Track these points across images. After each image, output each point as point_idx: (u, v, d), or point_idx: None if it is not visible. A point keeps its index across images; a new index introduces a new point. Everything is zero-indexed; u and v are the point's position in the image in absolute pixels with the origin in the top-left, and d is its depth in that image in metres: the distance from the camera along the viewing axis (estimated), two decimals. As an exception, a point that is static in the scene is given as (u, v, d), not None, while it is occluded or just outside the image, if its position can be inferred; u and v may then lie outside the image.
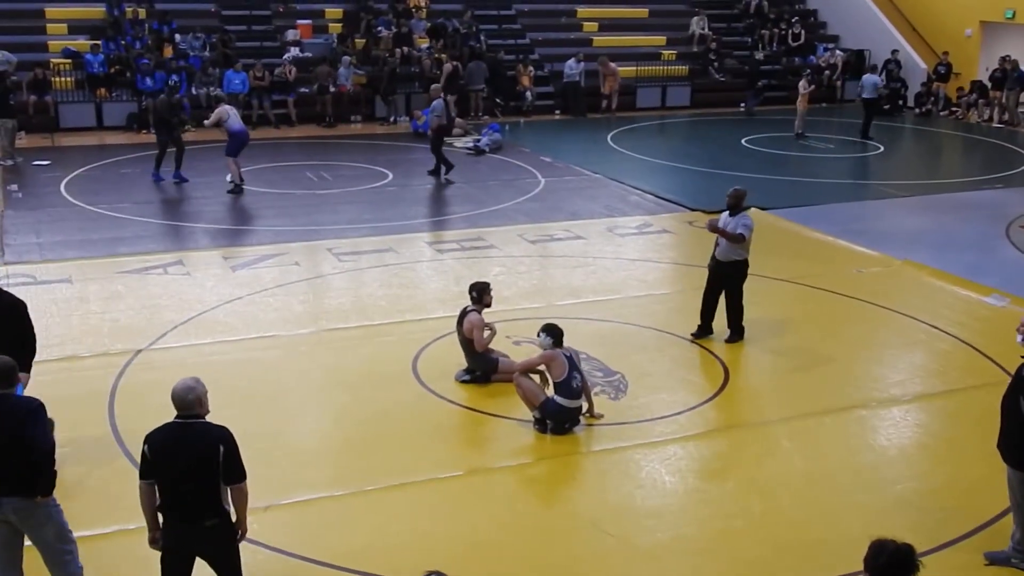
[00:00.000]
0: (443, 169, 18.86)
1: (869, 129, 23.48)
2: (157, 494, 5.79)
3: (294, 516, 7.47)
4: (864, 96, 23.70)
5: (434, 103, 18.97)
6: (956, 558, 7.10)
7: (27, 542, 6.17)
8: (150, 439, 5.80)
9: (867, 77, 24.13)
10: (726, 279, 10.88)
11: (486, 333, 9.78)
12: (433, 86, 20.24)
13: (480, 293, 9.91)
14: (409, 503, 7.76)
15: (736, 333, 10.97)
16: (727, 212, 10.88)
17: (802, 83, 23.54)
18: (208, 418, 5.88)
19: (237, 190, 17.34)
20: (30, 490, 5.86)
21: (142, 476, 5.82)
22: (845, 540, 7.12)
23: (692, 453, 8.81)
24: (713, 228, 10.85)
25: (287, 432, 8.81)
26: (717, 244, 10.91)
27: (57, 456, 6.02)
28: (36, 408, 5.98)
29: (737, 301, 10.95)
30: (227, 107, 17.79)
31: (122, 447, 8.46)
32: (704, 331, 11.05)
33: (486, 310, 9.93)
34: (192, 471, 5.68)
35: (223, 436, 5.76)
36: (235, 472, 5.77)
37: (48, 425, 6.05)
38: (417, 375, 10.03)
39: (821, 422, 9.23)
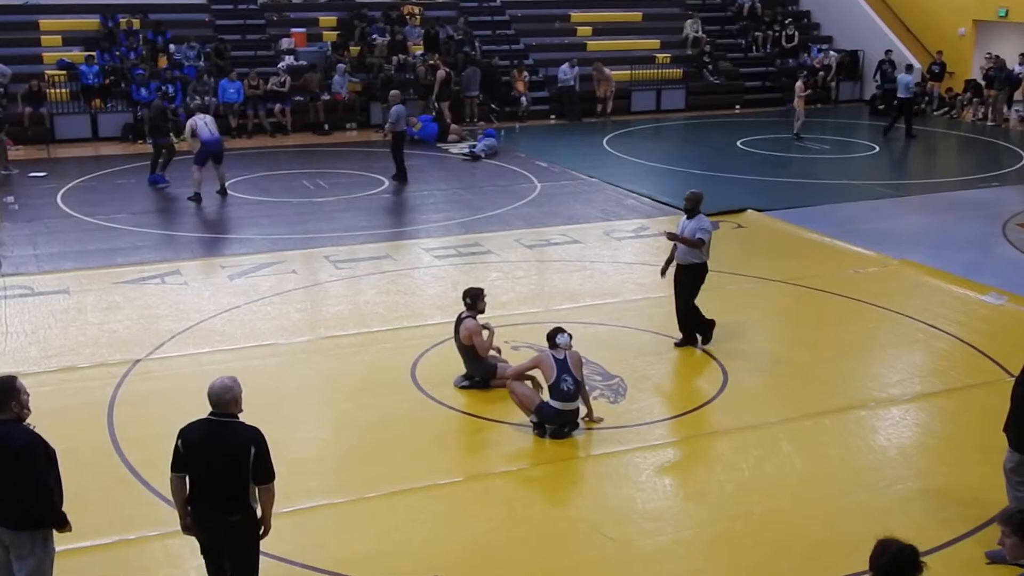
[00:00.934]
0: (397, 173, 18.84)
1: (911, 129, 23.68)
2: (187, 486, 5.87)
3: (295, 524, 7.45)
4: (899, 95, 23.72)
5: (392, 110, 18.98)
6: (957, 557, 7.11)
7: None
8: (184, 434, 5.87)
9: (901, 76, 24.15)
10: (684, 283, 10.72)
11: (485, 334, 9.78)
12: (392, 92, 20.02)
13: (474, 299, 9.90)
14: (409, 509, 7.76)
15: (706, 337, 10.82)
16: (685, 216, 10.78)
17: (799, 84, 23.54)
18: None
19: (196, 199, 17.24)
20: (15, 523, 5.75)
21: (174, 469, 5.90)
22: (846, 540, 7.14)
23: (692, 455, 8.82)
24: (671, 237, 10.74)
25: (287, 440, 8.76)
26: (676, 248, 10.78)
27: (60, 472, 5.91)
28: (28, 443, 5.67)
29: (689, 303, 10.71)
30: (197, 116, 17.72)
31: (121, 457, 8.46)
32: (688, 339, 10.88)
33: (480, 316, 9.92)
34: (223, 469, 5.77)
35: (255, 437, 5.85)
36: (265, 472, 5.86)
37: (41, 461, 5.69)
38: (416, 381, 10.02)
39: (820, 423, 9.23)
